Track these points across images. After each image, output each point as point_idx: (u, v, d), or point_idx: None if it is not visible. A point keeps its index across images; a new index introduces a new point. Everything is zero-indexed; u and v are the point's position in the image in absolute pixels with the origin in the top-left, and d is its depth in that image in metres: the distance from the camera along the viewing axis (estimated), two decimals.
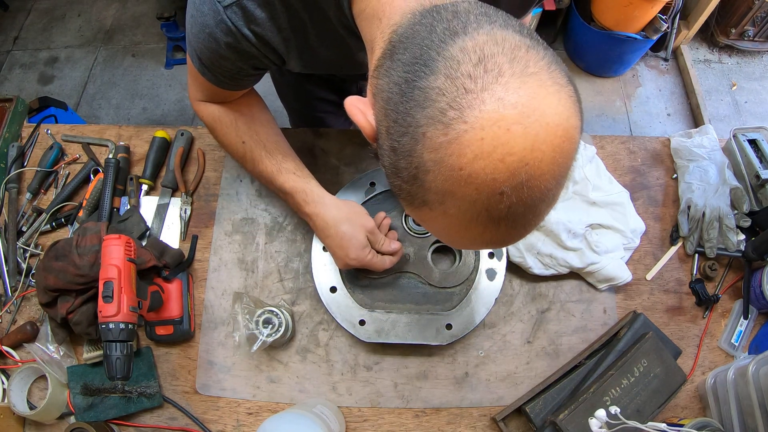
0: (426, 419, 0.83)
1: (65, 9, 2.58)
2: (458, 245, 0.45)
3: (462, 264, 0.84)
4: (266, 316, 0.80)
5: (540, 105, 0.34)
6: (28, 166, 0.99)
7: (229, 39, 0.56)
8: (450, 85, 0.35)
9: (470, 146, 0.34)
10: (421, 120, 0.36)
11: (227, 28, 0.55)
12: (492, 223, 0.38)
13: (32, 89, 2.34)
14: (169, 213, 0.95)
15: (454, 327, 0.81)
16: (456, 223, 0.39)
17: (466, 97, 0.34)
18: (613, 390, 0.75)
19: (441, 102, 0.35)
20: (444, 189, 0.37)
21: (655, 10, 1.91)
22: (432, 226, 0.44)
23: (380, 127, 0.41)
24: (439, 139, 0.35)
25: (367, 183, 0.88)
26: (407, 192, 0.40)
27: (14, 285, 0.89)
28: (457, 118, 0.34)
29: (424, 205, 0.40)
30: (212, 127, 0.78)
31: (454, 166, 0.35)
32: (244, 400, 0.84)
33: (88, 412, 0.80)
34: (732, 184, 0.91)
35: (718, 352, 0.87)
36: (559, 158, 0.36)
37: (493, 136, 0.34)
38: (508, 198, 0.36)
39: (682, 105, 2.27)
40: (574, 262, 0.86)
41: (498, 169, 0.34)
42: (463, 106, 0.34)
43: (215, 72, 0.64)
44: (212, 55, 0.60)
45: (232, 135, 0.76)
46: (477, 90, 0.34)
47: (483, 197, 0.36)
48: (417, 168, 0.38)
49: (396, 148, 0.39)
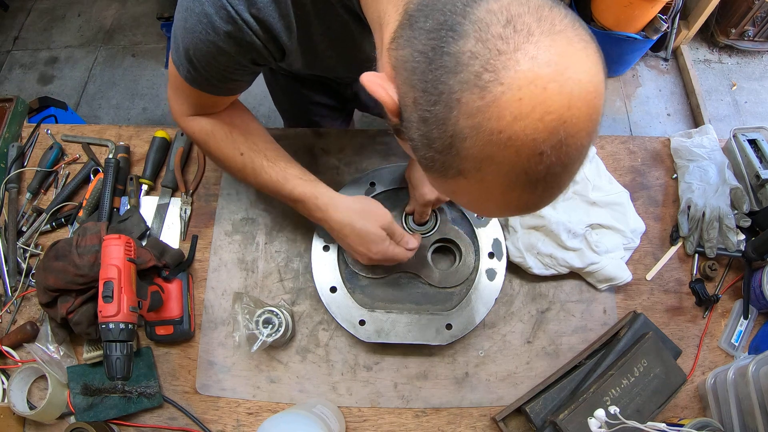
0: (426, 419, 0.83)
1: (65, 9, 2.58)
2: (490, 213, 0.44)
3: (462, 264, 0.84)
4: (266, 316, 0.80)
5: (571, 62, 0.35)
6: (28, 166, 0.99)
7: (230, 27, 0.54)
8: (482, 47, 0.34)
9: (509, 108, 0.34)
10: (454, 86, 0.35)
11: (227, 14, 0.53)
12: (530, 186, 0.37)
13: (32, 89, 2.34)
14: (169, 213, 0.95)
15: (454, 327, 0.81)
16: (493, 189, 0.39)
17: (500, 58, 0.34)
18: (613, 390, 0.75)
19: (474, 65, 0.34)
20: (482, 155, 0.36)
21: (655, 10, 1.91)
22: (464, 197, 0.43)
23: (405, 99, 0.41)
24: (476, 103, 0.35)
25: (367, 183, 0.88)
26: (441, 163, 0.39)
27: (14, 285, 0.89)
28: (493, 80, 0.34)
29: (459, 175, 0.39)
30: (204, 142, 0.73)
31: (493, 129, 0.35)
32: (244, 400, 0.84)
33: (88, 412, 0.80)
34: (732, 184, 0.91)
35: (718, 352, 0.87)
36: (593, 114, 0.36)
37: (531, 96, 0.33)
38: (548, 158, 0.35)
39: (682, 105, 2.27)
40: (574, 262, 0.86)
41: (538, 129, 0.34)
42: (498, 68, 0.34)
43: (208, 74, 0.61)
44: (209, 51, 0.57)
45: (229, 147, 0.73)
46: (510, 51, 0.34)
47: (523, 159, 0.35)
48: (452, 136, 0.37)
49: (427, 118, 0.38)
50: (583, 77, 0.35)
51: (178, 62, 0.62)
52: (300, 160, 0.97)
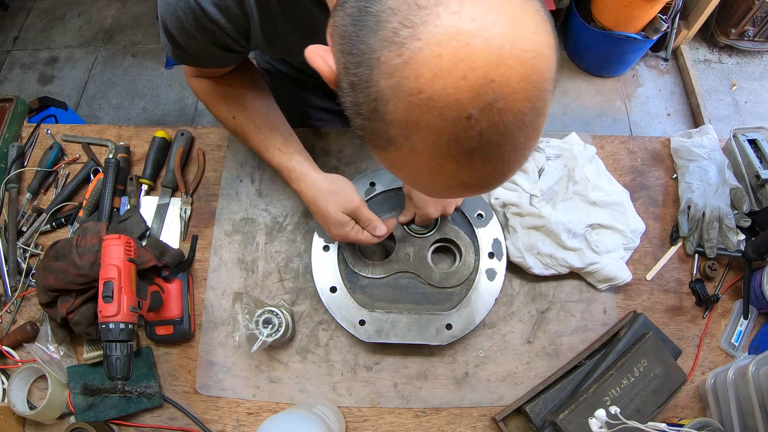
0: (426, 419, 0.83)
1: (65, 9, 2.58)
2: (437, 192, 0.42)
3: (462, 264, 0.84)
4: (266, 316, 0.80)
5: (502, 17, 0.32)
6: (28, 166, 0.99)
7: (191, 17, 0.55)
8: (401, 3, 0.32)
9: (427, 65, 0.31)
10: (374, 44, 0.33)
11: (187, 5, 0.54)
12: (465, 157, 0.35)
13: (32, 89, 2.34)
14: (169, 213, 0.95)
15: (454, 327, 0.81)
16: (426, 161, 0.36)
17: (419, 13, 0.32)
18: (613, 390, 0.75)
19: (393, 22, 0.32)
20: (406, 119, 0.34)
21: (655, 10, 1.91)
22: (404, 172, 0.41)
23: (339, 67, 0.39)
24: (394, 61, 0.33)
25: (367, 183, 0.88)
26: (371, 131, 0.38)
27: (14, 285, 0.89)
28: (411, 35, 0.32)
29: (390, 145, 0.37)
30: (204, 102, 0.78)
31: (412, 89, 0.32)
32: (244, 400, 0.84)
33: (88, 412, 0.80)
34: (732, 184, 0.91)
35: (718, 352, 0.87)
36: (532, 76, 0.33)
37: (451, 52, 0.31)
38: (477, 122, 0.32)
39: (682, 105, 2.27)
40: (574, 262, 0.86)
41: (461, 88, 0.31)
42: (416, 23, 0.32)
43: (190, 52, 0.63)
44: (181, 35, 0.59)
45: (223, 110, 0.77)
46: (430, 5, 0.32)
47: (449, 123, 0.33)
48: (376, 99, 0.35)
49: (354, 82, 0.36)
50: (517, 34, 0.32)
51: (163, 42, 0.64)
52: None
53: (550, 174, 0.92)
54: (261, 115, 0.77)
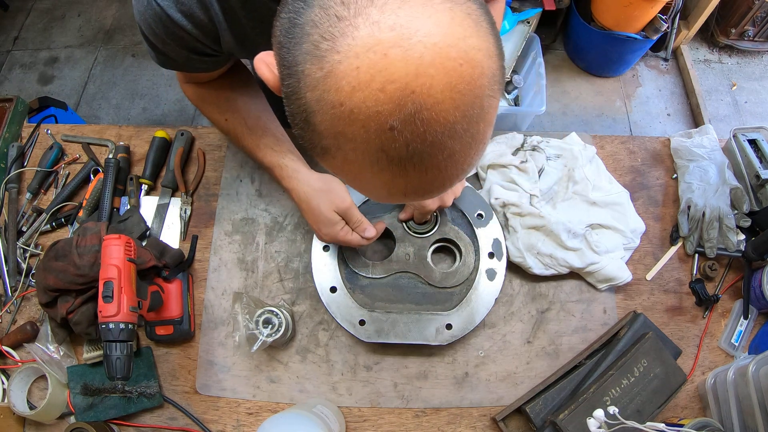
0: (426, 419, 0.83)
1: (65, 9, 2.58)
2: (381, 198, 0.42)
3: (462, 264, 0.84)
4: (266, 316, 0.80)
5: (424, 24, 0.31)
6: (28, 166, 0.99)
7: (160, 25, 0.55)
8: (323, 15, 0.32)
9: (346, 78, 0.31)
10: (298, 57, 0.33)
11: (154, 13, 0.54)
12: (397, 167, 0.34)
13: (32, 89, 2.34)
14: (169, 213, 0.95)
15: (454, 327, 0.81)
16: (360, 169, 0.36)
17: (339, 25, 0.31)
18: (613, 390, 0.75)
19: (314, 35, 0.32)
20: (334, 130, 0.34)
21: (655, 10, 1.91)
22: (346, 178, 0.41)
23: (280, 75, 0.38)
24: (316, 74, 0.32)
25: None
26: (308, 140, 0.37)
27: (14, 285, 0.89)
28: (330, 48, 0.31)
29: (326, 154, 0.37)
30: (197, 106, 0.79)
31: (334, 102, 0.32)
32: (244, 400, 0.84)
33: (88, 412, 0.80)
34: (732, 184, 0.91)
35: (718, 352, 0.87)
36: (459, 84, 0.32)
37: (369, 64, 0.30)
38: (401, 134, 0.32)
39: (682, 105, 2.27)
40: (574, 262, 0.86)
41: (380, 100, 0.31)
42: (335, 35, 0.31)
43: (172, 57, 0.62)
44: (157, 42, 0.59)
45: (216, 113, 0.77)
46: (350, 16, 0.31)
47: (372, 135, 0.32)
48: (305, 111, 0.35)
49: (287, 93, 0.36)
50: (440, 40, 0.31)
51: (147, 49, 0.64)
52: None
53: (550, 174, 0.92)
54: (253, 117, 0.77)
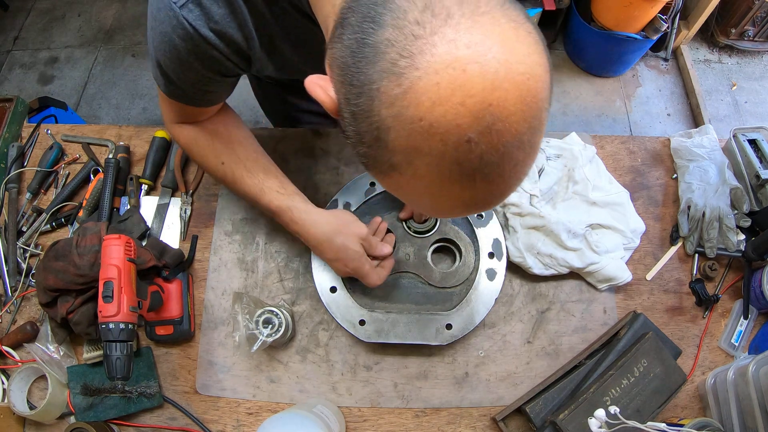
0: (426, 419, 0.83)
1: (65, 9, 2.58)
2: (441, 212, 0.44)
3: (462, 264, 0.84)
4: (266, 316, 0.80)
5: (496, 42, 0.33)
6: (28, 166, 0.99)
7: (189, 44, 0.53)
8: (398, 34, 0.33)
9: (426, 93, 0.33)
10: (373, 76, 0.34)
11: (185, 31, 0.52)
12: (467, 179, 0.36)
13: (32, 89, 2.34)
14: (169, 213, 0.95)
15: (454, 327, 0.81)
16: (429, 184, 0.37)
17: (416, 43, 0.33)
18: (613, 390, 0.75)
19: (391, 53, 0.33)
20: (408, 146, 0.35)
21: (655, 10, 1.91)
22: (408, 195, 0.42)
23: (339, 96, 0.40)
24: (394, 91, 0.34)
25: (367, 183, 0.88)
26: (374, 159, 0.39)
27: (14, 285, 0.89)
28: (409, 65, 0.33)
29: (394, 170, 0.38)
30: (189, 150, 0.75)
31: (413, 117, 0.34)
32: (244, 400, 0.84)
33: (88, 412, 0.80)
34: (732, 184, 0.91)
35: (718, 352, 0.87)
36: (527, 97, 0.34)
37: (449, 79, 0.32)
38: (477, 146, 0.34)
39: (682, 105, 2.27)
40: (574, 262, 0.86)
41: (460, 114, 0.33)
42: (414, 53, 0.33)
43: (183, 87, 0.61)
44: (176, 67, 0.57)
45: (211, 156, 0.74)
46: (426, 35, 0.33)
47: (450, 148, 0.34)
48: (378, 128, 0.36)
49: (355, 112, 0.37)
50: (510, 57, 0.33)
51: (155, 76, 0.63)
52: (300, 160, 0.98)
53: (550, 174, 0.92)
54: (251, 158, 0.74)
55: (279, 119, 1.17)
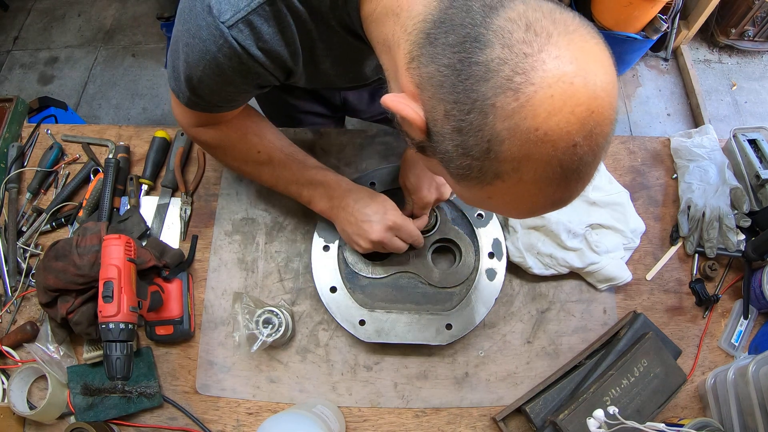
0: (426, 419, 0.83)
1: (65, 9, 2.58)
2: (523, 214, 0.47)
3: (462, 264, 0.84)
4: (266, 316, 0.80)
5: (589, 58, 0.37)
6: (28, 166, 0.99)
7: (234, 62, 0.53)
8: (509, 53, 0.36)
9: (542, 105, 0.36)
10: (487, 92, 0.37)
11: (232, 51, 0.52)
12: (564, 180, 0.40)
13: (32, 89, 2.34)
14: (169, 213, 0.95)
15: (454, 327, 0.81)
16: (530, 187, 0.41)
17: (527, 60, 0.36)
18: (613, 390, 0.75)
19: (505, 70, 0.36)
20: (520, 154, 0.38)
21: (655, 10, 1.91)
22: (499, 201, 0.45)
23: (433, 114, 0.42)
24: (511, 105, 0.37)
25: (367, 183, 0.88)
26: (478, 169, 0.41)
27: (14, 285, 0.89)
28: (525, 81, 0.36)
29: (497, 179, 0.41)
30: (218, 147, 0.76)
31: (530, 128, 0.37)
32: (244, 400, 0.84)
33: (88, 412, 0.80)
34: (732, 184, 0.91)
35: (718, 352, 0.87)
36: (613, 103, 0.39)
37: (561, 92, 0.36)
38: (581, 148, 0.38)
39: (682, 105, 2.27)
40: (574, 262, 0.86)
41: (570, 122, 0.36)
42: (527, 70, 0.36)
43: (209, 99, 0.61)
44: (213, 83, 0.57)
45: (244, 149, 0.75)
46: (535, 52, 0.36)
47: (559, 153, 0.38)
48: (490, 141, 0.38)
49: (462, 127, 0.40)
50: (601, 70, 0.38)
51: (176, 90, 0.62)
52: None
53: None
54: (287, 144, 0.78)
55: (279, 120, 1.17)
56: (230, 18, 0.50)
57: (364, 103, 1.06)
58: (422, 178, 0.79)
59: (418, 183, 0.79)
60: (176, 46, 0.57)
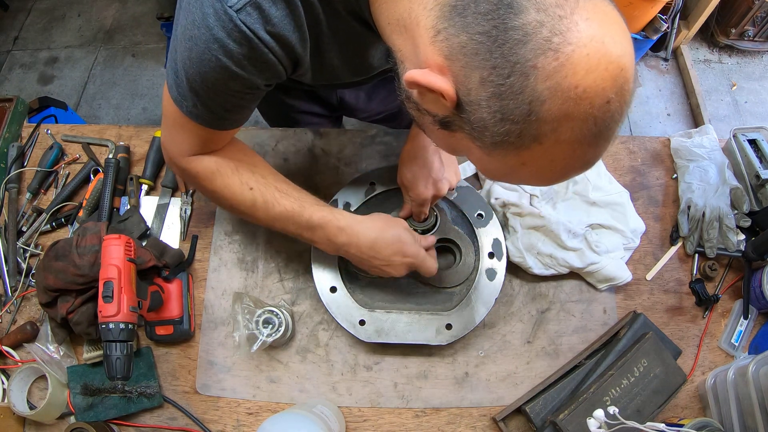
0: (426, 419, 0.83)
1: (65, 9, 2.58)
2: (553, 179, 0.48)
3: (462, 264, 0.84)
4: (266, 316, 0.80)
5: (612, 21, 0.40)
6: (28, 166, 0.99)
7: (244, 49, 0.52)
8: (544, 15, 0.38)
9: (580, 63, 0.38)
10: (527, 54, 0.39)
11: (241, 35, 0.51)
12: (595, 138, 0.42)
13: (32, 89, 2.34)
14: (169, 213, 0.95)
15: (454, 327, 0.81)
16: (565, 148, 0.42)
17: (562, 22, 0.38)
18: (613, 390, 0.75)
19: (543, 32, 0.38)
20: (560, 113, 0.40)
21: (655, 10, 1.91)
22: (532, 168, 0.45)
23: (467, 83, 0.43)
24: (552, 65, 0.38)
25: (367, 183, 0.88)
26: (517, 134, 0.42)
27: (14, 285, 0.89)
28: (563, 41, 0.38)
29: (534, 142, 0.42)
30: (209, 180, 0.70)
31: (570, 86, 0.38)
32: (244, 400, 0.84)
33: (88, 412, 0.80)
34: (732, 184, 0.91)
35: (718, 352, 0.87)
36: (633, 60, 0.41)
37: (595, 51, 0.38)
38: (613, 104, 0.40)
39: (682, 105, 2.27)
40: (574, 262, 0.86)
41: (605, 78, 0.39)
42: (563, 30, 0.38)
43: (215, 105, 0.60)
44: (220, 78, 0.55)
45: (236, 184, 0.70)
46: (568, 15, 0.38)
47: (595, 110, 0.39)
48: (530, 102, 0.40)
49: (501, 92, 0.40)
50: (622, 33, 0.40)
51: (179, 98, 0.60)
52: (300, 160, 0.98)
53: None
54: (280, 180, 0.73)
55: (276, 120, 1.17)
56: (238, 2, 0.49)
57: (361, 103, 1.06)
58: (418, 175, 0.79)
59: (415, 180, 0.79)
60: (180, 47, 0.56)
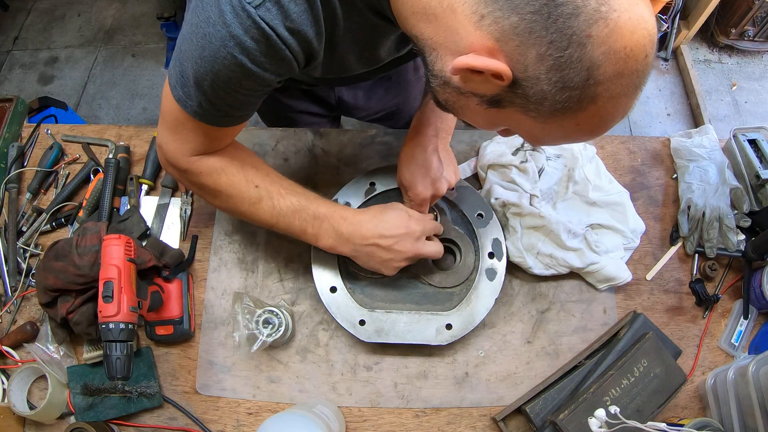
0: (426, 419, 0.83)
1: (65, 9, 2.58)
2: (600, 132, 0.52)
3: (462, 264, 0.84)
4: (266, 316, 0.80)
5: None
6: (28, 166, 0.99)
7: (261, 46, 0.51)
8: None
9: (626, 26, 0.42)
10: (581, 26, 0.42)
11: (260, 31, 0.50)
12: (636, 89, 0.46)
13: (32, 89, 2.34)
14: (169, 213, 0.95)
15: (454, 327, 0.81)
16: (614, 104, 0.46)
17: None
18: (613, 390, 0.75)
19: (591, 3, 0.42)
20: (614, 73, 0.44)
21: (654, 10, 1.90)
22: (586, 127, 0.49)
23: (523, 61, 0.46)
24: (604, 32, 0.42)
25: (367, 183, 0.88)
26: (576, 99, 0.46)
27: (14, 285, 0.89)
28: (609, 9, 0.42)
29: (591, 103, 0.46)
30: (215, 179, 0.70)
31: (620, 47, 0.43)
32: (244, 400, 0.84)
33: (88, 412, 0.80)
34: (732, 184, 0.91)
35: (718, 352, 0.87)
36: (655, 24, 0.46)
37: (634, 14, 0.43)
38: (649, 57, 0.45)
39: (682, 105, 2.27)
40: (574, 262, 0.86)
41: (645, 36, 0.44)
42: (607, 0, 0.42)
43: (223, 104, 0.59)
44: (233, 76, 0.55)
45: (242, 181, 0.71)
46: None
47: (639, 65, 0.44)
48: (588, 68, 0.44)
49: (561, 63, 0.44)
50: None
51: (183, 98, 0.60)
52: (300, 160, 0.98)
53: (550, 174, 0.92)
54: (284, 178, 0.75)
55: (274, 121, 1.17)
56: None
57: (359, 101, 1.06)
58: (417, 175, 0.79)
59: (413, 180, 0.79)
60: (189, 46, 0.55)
